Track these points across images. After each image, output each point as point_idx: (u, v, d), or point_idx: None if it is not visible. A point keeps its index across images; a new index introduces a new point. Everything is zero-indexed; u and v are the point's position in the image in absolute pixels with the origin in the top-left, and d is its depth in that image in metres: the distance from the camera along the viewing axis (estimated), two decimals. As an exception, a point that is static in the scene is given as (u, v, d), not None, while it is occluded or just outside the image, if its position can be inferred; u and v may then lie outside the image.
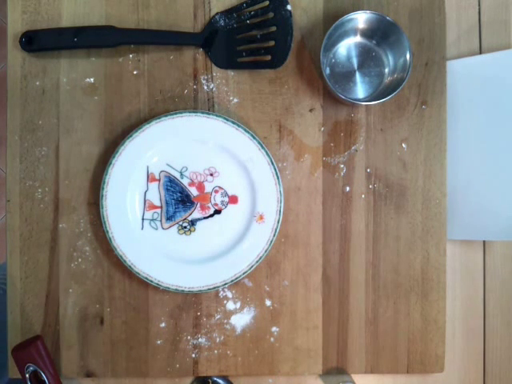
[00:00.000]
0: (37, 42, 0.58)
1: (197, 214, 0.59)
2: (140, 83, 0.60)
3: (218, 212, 0.59)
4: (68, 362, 0.60)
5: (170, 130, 0.57)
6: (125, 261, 0.57)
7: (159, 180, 0.59)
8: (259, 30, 0.59)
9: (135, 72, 0.60)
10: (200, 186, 0.59)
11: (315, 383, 0.62)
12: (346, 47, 0.59)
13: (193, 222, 0.59)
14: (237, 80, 0.60)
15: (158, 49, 0.60)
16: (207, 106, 0.60)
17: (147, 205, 0.59)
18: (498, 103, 0.58)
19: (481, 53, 0.62)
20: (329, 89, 0.57)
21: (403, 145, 0.60)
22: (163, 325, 0.60)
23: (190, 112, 0.57)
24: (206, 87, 0.60)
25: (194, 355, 0.60)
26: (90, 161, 0.59)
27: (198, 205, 0.59)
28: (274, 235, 0.58)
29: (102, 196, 0.57)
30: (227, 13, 0.59)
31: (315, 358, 0.60)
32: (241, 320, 0.60)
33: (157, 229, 0.59)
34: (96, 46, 0.58)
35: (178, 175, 0.59)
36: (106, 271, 0.60)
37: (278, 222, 0.58)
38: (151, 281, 0.57)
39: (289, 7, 0.58)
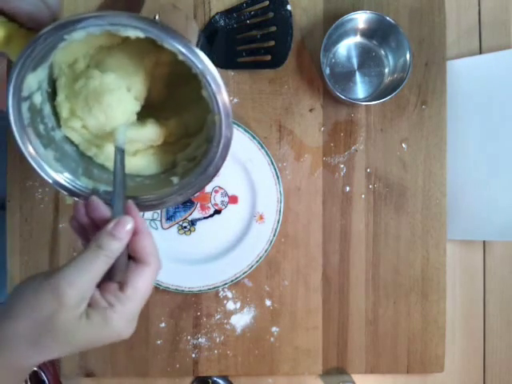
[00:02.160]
0: (37, 41, 0.58)
1: (197, 213, 0.59)
2: (140, 83, 0.59)
3: (218, 212, 0.59)
4: (68, 361, 0.60)
5: (170, 130, 0.57)
6: (125, 261, 0.57)
7: (159, 180, 0.59)
8: (259, 30, 0.59)
9: (135, 72, 0.59)
10: (200, 186, 0.59)
11: (315, 383, 0.62)
12: (346, 47, 0.59)
13: (193, 222, 0.59)
14: (237, 80, 0.60)
15: (158, 49, 0.60)
16: (207, 106, 0.60)
17: (147, 205, 0.59)
18: (498, 103, 0.58)
19: (481, 53, 0.62)
20: (329, 89, 0.57)
21: (403, 145, 0.60)
22: (163, 325, 0.60)
23: (190, 112, 0.57)
24: (206, 87, 0.59)
25: (193, 355, 0.60)
26: (90, 161, 0.59)
27: (198, 205, 0.59)
28: (274, 235, 0.58)
29: (102, 196, 0.57)
30: (227, 13, 0.59)
31: (315, 358, 0.60)
32: (241, 320, 0.60)
33: (157, 229, 0.59)
34: (96, 45, 0.58)
35: (178, 175, 0.59)
36: (106, 271, 0.60)
37: (278, 222, 0.58)
38: (151, 281, 0.57)
39: (289, 7, 0.58)
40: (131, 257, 0.35)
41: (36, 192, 0.59)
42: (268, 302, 0.60)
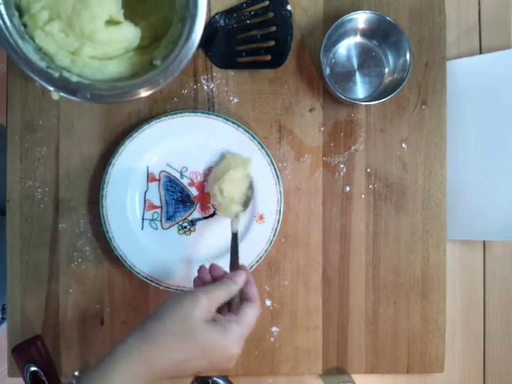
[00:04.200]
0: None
1: (197, 214, 0.59)
2: (140, 83, 0.59)
3: (218, 212, 0.59)
4: (68, 361, 0.60)
5: (170, 130, 0.57)
6: (125, 261, 0.57)
7: (159, 180, 0.59)
8: (259, 30, 0.59)
9: (135, 72, 0.59)
10: (200, 186, 0.59)
11: (315, 383, 0.62)
12: (346, 47, 0.59)
13: (193, 222, 0.59)
14: (237, 80, 0.60)
15: (158, 49, 0.60)
16: (207, 106, 0.60)
17: (147, 205, 0.59)
18: (498, 103, 0.58)
19: (481, 53, 0.62)
20: (329, 89, 0.57)
21: (403, 145, 0.60)
22: (163, 325, 0.60)
23: (190, 112, 0.57)
24: (206, 87, 0.60)
25: (194, 355, 0.60)
26: (90, 161, 0.59)
27: (198, 205, 0.59)
28: (274, 235, 0.58)
29: (102, 196, 0.57)
30: (227, 13, 0.59)
31: (315, 358, 0.60)
32: (241, 320, 0.60)
33: (157, 229, 0.59)
34: (96, 45, 0.58)
35: (177, 175, 0.59)
36: (106, 271, 0.60)
37: (278, 222, 0.58)
38: (151, 281, 0.57)
39: (289, 7, 0.58)
40: (242, 299, 0.46)
41: (36, 192, 0.59)
42: (268, 302, 0.60)
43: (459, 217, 0.61)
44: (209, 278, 0.48)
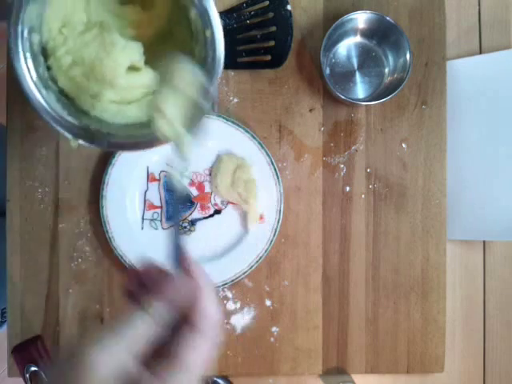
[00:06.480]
0: (37, 41, 0.58)
1: (197, 213, 0.59)
2: (140, 83, 0.59)
3: (217, 212, 0.59)
4: (68, 362, 0.60)
5: (170, 130, 0.57)
6: (125, 261, 0.57)
7: (159, 180, 0.59)
8: (259, 29, 0.59)
9: (135, 72, 0.59)
10: (200, 186, 0.59)
11: (315, 383, 0.62)
12: (346, 47, 0.59)
13: (193, 222, 0.59)
14: (237, 80, 0.60)
15: (158, 49, 0.60)
16: (207, 105, 0.60)
17: (147, 205, 0.59)
18: (498, 103, 0.58)
19: (481, 53, 0.62)
20: (329, 89, 0.57)
21: (403, 145, 0.60)
22: (163, 325, 0.60)
23: (190, 112, 0.57)
24: (206, 87, 0.59)
25: (194, 355, 0.60)
26: (90, 161, 0.59)
27: (198, 205, 0.59)
28: (274, 235, 0.58)
29: (102, 196, 0.57)
30: (227, 13, 0.59)
31: (315, 358, 0.60)
32: (241, 320, 0.60)
33: (157, 229, 0.59)
34: (96, 45, 0.58)
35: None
36: (106, 271, 0.60)
37: (278, 222, 0.58)
38: (151, 281, 0.57)
39: (289, 7, 0.58)
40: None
41: (36, 192, 0.59)
42: (268, 302, 0.60)
43: (459, 217, 0.61)
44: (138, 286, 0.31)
